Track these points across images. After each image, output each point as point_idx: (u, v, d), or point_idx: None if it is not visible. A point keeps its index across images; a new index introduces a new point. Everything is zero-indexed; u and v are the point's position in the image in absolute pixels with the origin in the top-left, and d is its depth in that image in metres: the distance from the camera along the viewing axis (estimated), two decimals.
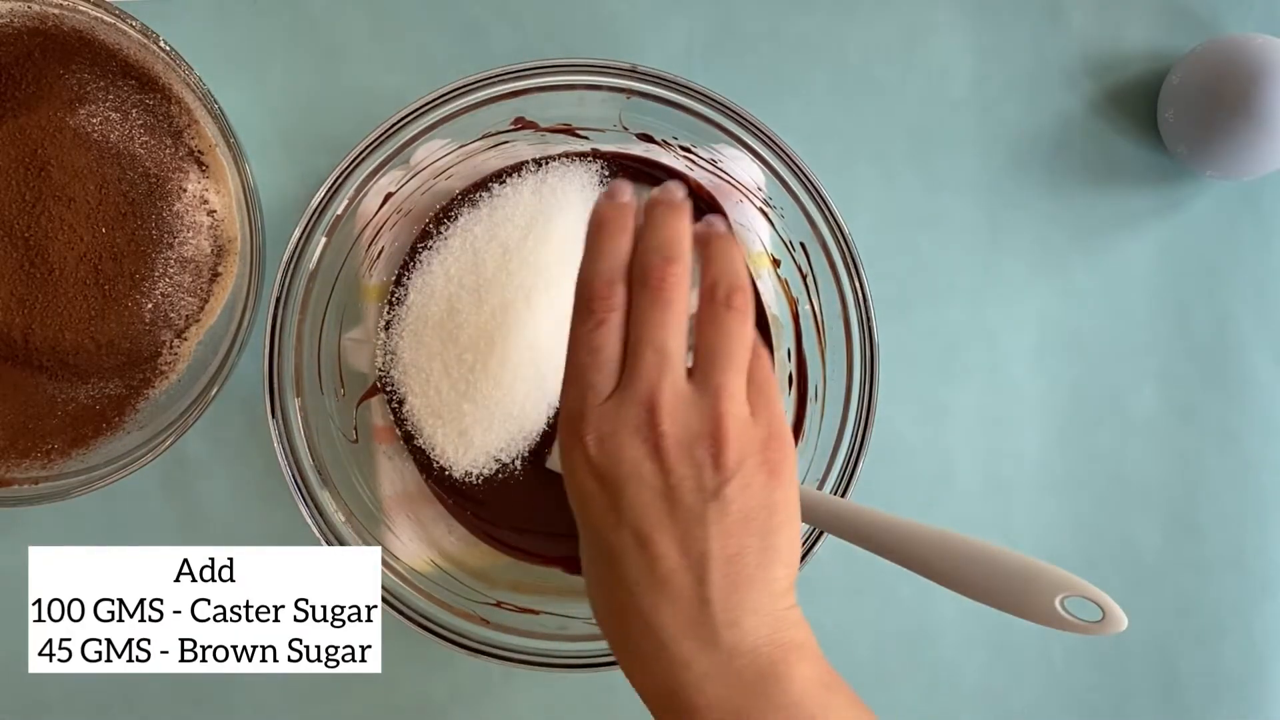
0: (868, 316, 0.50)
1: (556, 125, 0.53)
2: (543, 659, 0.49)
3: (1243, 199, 0.61)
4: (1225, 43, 0.57)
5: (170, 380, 0.55)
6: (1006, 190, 0.60)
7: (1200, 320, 0.61)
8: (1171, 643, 0.60)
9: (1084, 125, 0.60)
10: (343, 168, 0.49)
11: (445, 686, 0.59)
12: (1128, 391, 0.61)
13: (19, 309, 0.52)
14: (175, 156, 0.54)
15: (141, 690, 0.58)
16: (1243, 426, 0.61)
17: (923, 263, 0.60)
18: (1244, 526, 0.61)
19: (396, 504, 0.54)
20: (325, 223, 0.49)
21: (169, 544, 0.57)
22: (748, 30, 0.59)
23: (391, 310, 0.54)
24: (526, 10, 0.59)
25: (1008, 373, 0.60)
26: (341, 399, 0.54)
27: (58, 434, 0.54)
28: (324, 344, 0.52)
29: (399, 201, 0.53)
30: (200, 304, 0.55)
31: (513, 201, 0.54)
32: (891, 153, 0.60)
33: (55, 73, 0.52)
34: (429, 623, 0.49)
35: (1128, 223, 0.61)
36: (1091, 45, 0.60)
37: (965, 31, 0.60)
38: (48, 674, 0.58)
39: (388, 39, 0.58)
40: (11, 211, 0.51)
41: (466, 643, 0.49)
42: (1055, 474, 0.60)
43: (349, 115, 0.57)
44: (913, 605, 0.59)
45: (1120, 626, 0.40)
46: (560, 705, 0.59)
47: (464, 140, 0.52)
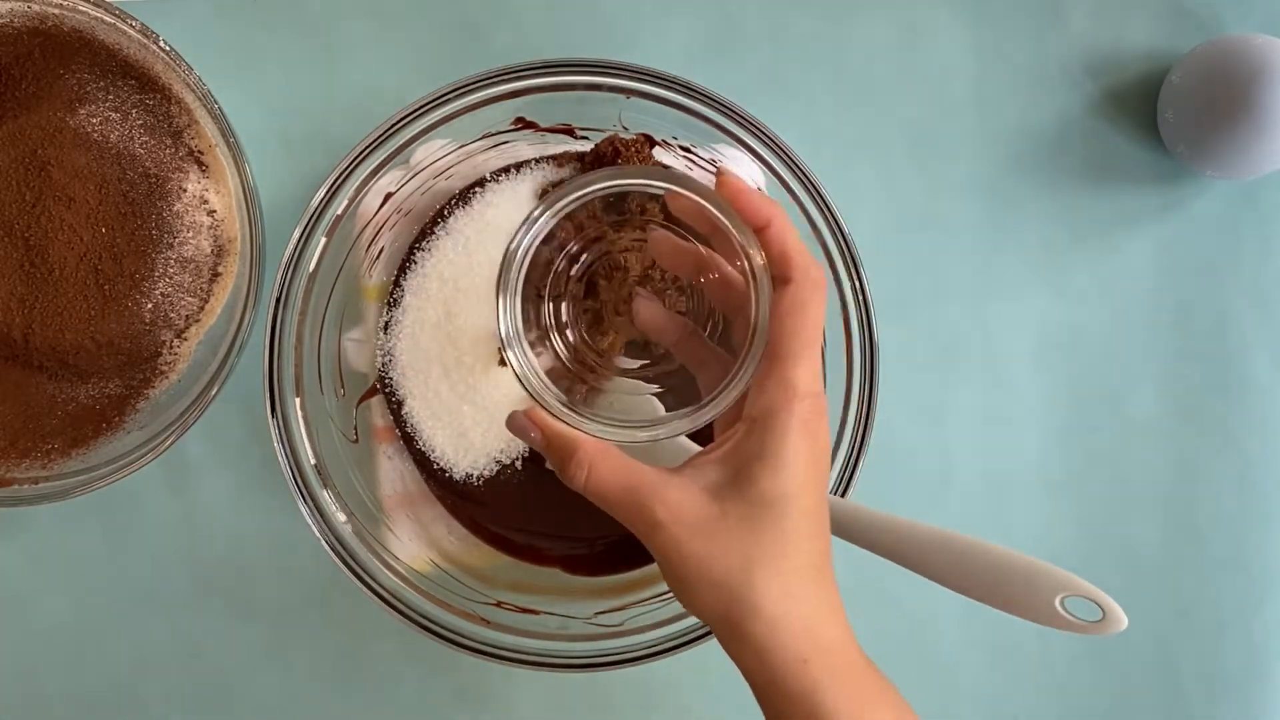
0: (868, 316, 0.50)
1: (556, 125, 0.53)
2: (543, 659, 0.49)
3: (1243, 199, 0.61)
4: (1225, 43, 0.57)
5: (170, 380, 0.55)
6: (1006, 190, 0.60)
7: (1200, 320, 0.61)
8: (1171, 643, 0.60)
9: (1084, 125, 0.60)
10: (343, 168, 0.49)
11: (445, 686, 0.59)
12: (1127, 392, 0.61)
13: (19, 309, 0.52)
14: (175, 156, 0.54)
15: (142, 691, 0.58)
16: (1243, 427, 0.61)
17: (923, 263, 0.60)
18: (1244, 527, 0.61)
19: (396, 504, 0.54)
20: (325, 223, 0.49)
21: (169, 544, 0.58)
22: (748, 30, 0.59)
23: (389, 311, 0.54)
24: (526, 10, 0.59)
25: (1008, 373, 0.60)
26: (341, 399, 0.54)
27: (58, 434, 0.54)
28: (324, 344, 0.52)
29: (399, 201, 0.53)
30: (200, 304, 0.55)
31: (507, 200, 0.54)
32: (891, 152, 0.60)
33: (55, 73, 0.52)
34: (429, 623, 0.49)
35: (1128, 223, 0.61)
36: (1091, 45, 0.60)
37: (965, 31, 0.60)
38: (49, 673, 0.58)
39: (387, 39, 0.58)
40: (11, 211, 0.51)
41: (466, 643, 0.49)
42: (1055, 474, 0.60)
43: (349, 115, 0.57)
44: (913, 605, 0.59)
45: (1120, 626, 0.40)
46: (560, 705, 0.59)
47: (464, 140, 0.52)
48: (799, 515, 0.38)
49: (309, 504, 0.50)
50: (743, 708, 0.62)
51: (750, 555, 0.37)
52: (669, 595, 0.51)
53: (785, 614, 0.37)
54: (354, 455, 0.54)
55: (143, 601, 0.58)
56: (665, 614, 0.50)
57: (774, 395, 0.38)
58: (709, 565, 0.38)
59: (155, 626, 0.58)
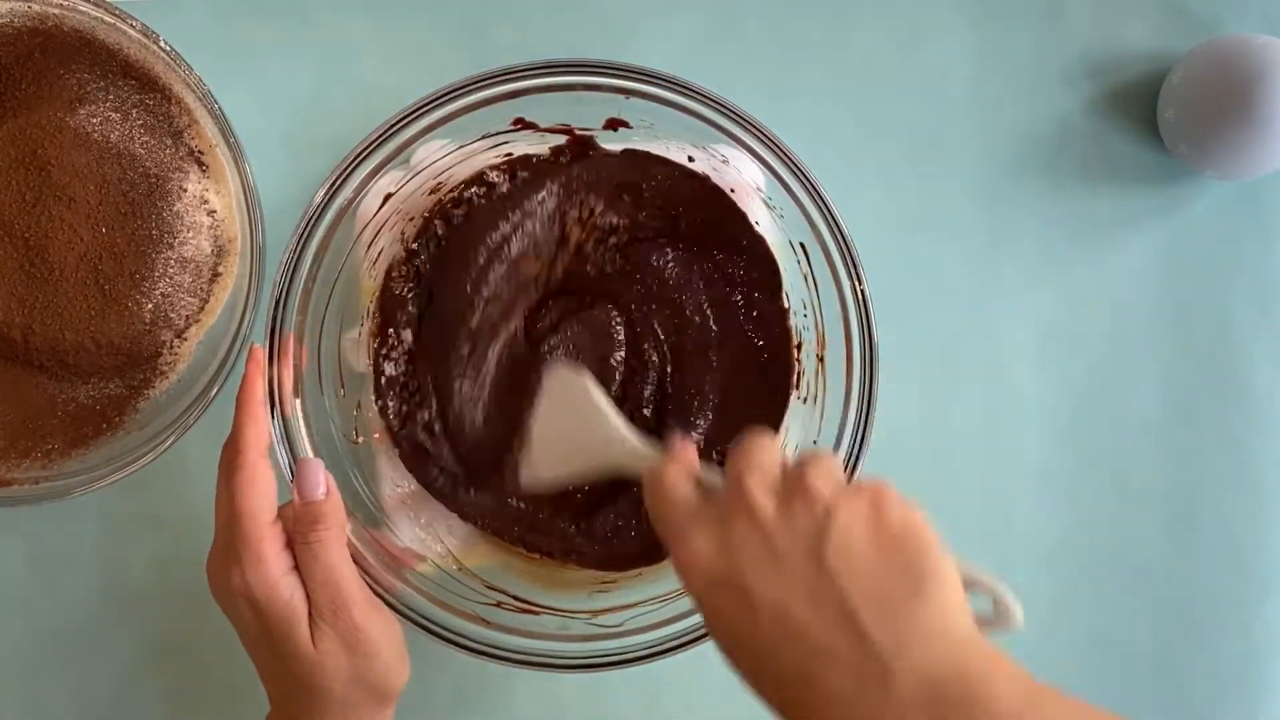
0: (868, 317, 0.50)
1: (556, 125, 0.53)
2: (543, 659, 0.49)
3: (1243, 199, 0.61)
4: (1225, 43, 0.57)
5: (170, 380, 0.55)
6: (1006, 190, 0.60)
7: (1200, 320, 0.61)
8: (1171, 642, 0.60)
9: (1084, 125, 0.60)
10: (343, 168, 0.49)
11: (445, 686, 0.59)
12: (1128, 391, 0.61)
13: (19, 309, 0.52)
14: (175, 156, 0.54)
15: (142, 691, 0.58)
16: (1243, 426, 0.61)
17: (923, 263, 0.60)
18: (1243, 527, 0.61)
19: (396, 504, 0.54)
20: (325, 223, 0.49)
21: (169, 544, 0.58)
22: (748, 30, 0.59)
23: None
24: (526, 10, 0.59)
25: (1008, 373, 0.60)
26: (341, 399, 0.54)
27: (58, 434, 0.54)
28: (324, 344, 0.52)
29: (399, 201, 0.53)
30: (200, 304, 0.55)
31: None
32: (891, 153, 0.60)
33: (55, 73, 0.52)
34: (429, 623, 0.49)
35: (1128, 223, 0.61)
36: (1091, 45, 0.60)
37: (965, 32, 0.60)
38: (49, 673, 0.58)
39: (388, 39, 0.58)
40: (11, 211, 0.51)
41: (466, 643, 0.49)
42: (1055, 474, 0.60)
43: (349, 115, 0.57)
44: None
45: (1015, 626, 0.39)
46: (560, 705, 0.59)
47: (464, 140, 0.52)
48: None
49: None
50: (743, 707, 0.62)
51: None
52: (669, 596, 0.51)
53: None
54: (354, 455, 0.54)
55: (143, 601, 0.58)
56: (665, 614, 0.50)
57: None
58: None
59: (155, 626, 0.58)
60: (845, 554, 0.37)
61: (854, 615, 0.36)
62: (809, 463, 0.40)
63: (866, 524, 0.38)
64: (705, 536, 0.39)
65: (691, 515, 0.41)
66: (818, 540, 0.37)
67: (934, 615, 0.37)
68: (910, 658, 0.36)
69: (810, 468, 0.39)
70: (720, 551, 0.39)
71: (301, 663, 0.44)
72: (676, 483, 0.42)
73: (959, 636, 0.37)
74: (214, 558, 0.45)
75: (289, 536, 0.45)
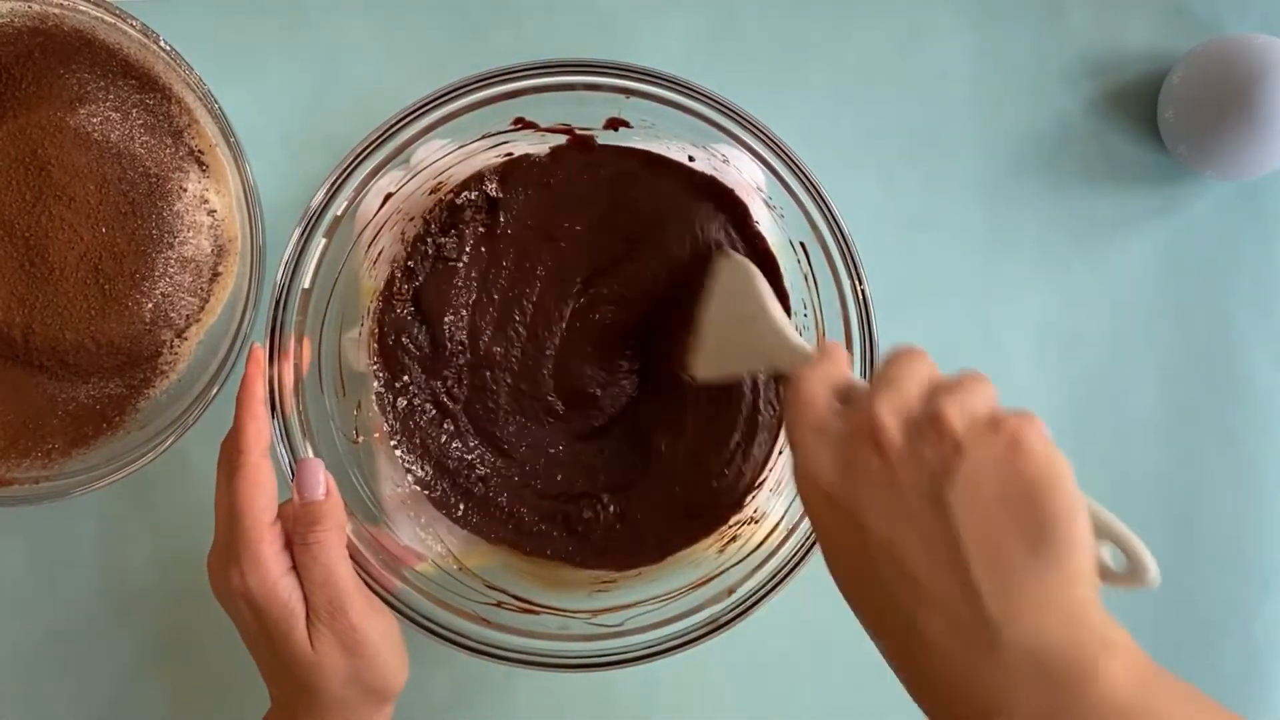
0: (868, 316, 0.50)
1: (556, 125, 0.53)
2: (543, 659, 0.49)
3: (1243, 199, 0.61)
4: (1225, 43, 0.57)
5: (170, 380, 0.55)
6: (1006, 190, 0.60)
7: (1200, 320, 0.61)
8: (1171, 642, 0.60)
9: (1084, 125, 0.60)
10: (343, 168, 0.49)
11: (445, 686, 0.59)
12: (1128, 391, 0.61)
13: (19, 309, 0.52)
14: (175, 156, 0.54)
15: (142, 691, 0.58)
16: (1243, 426, 0.61)
17: (923, 263, 0.60)
18: (1243, 526, 0.61)
19: (396, 504, 0.54)
20: (325, 223, 0.49)
21: (169, 544, 0.58)
22: (747, 30, 0.59)
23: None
24: (526, 10, 0.59)
25: (1008, 373, 0.60)
26: (341, 399, 0.54)
27: (58, 434, 0.54)
28: (324, 344, 0.52)
29: (399, 201, 0.53)
30: (200, 304, 0.55)
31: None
32: (891, 153, 0.60)
33: (55, 73, 0.52)
34: (429, 623, 0.49)
35: (1128, 223, 0.61)
36: (1091, 45, 0.60)
37: (965, 32, 0.60)
38: (49, 673, 0.58)
39: (387, 39, 0.58)
40: (11, 211, 0.51)
41: (466, 643, 0.49)
42: None
43: (349, 115, 0.57)
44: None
45: (1150, 583, 0.36)
46: (560, 705, 0.59)
47: (464, 140, 0.52)
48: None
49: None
50: (743, 707, 0.62)
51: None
52: (669, 596, 0.51)
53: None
54: (354, 455, 0.54)
55: (143, 601, 0.58)
56: (665, 614, 0.50)
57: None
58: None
59: (155, 626, 0.58)
60: (968, 500, 0.34)
61: (967, 567, 0.34)
62: (951, 388, 0.36)
63: (998, 468, 0.35)
64: (828, 452, 0.37)
65: (819, 427, 0.38)
66: (941, 480, 0.35)
67: (1053, 582, 0.33)
68: (1020, 625, 0.33)
69: (948, 395, 0.36)
70: (839, 471, 0.37)
71: (299, 663, 0.44)
72: (814, 388, 0.39)
73: (1077, 610, 0.34)
74: (214, 557, 0.45)
75: (288, 537, 0.45)
